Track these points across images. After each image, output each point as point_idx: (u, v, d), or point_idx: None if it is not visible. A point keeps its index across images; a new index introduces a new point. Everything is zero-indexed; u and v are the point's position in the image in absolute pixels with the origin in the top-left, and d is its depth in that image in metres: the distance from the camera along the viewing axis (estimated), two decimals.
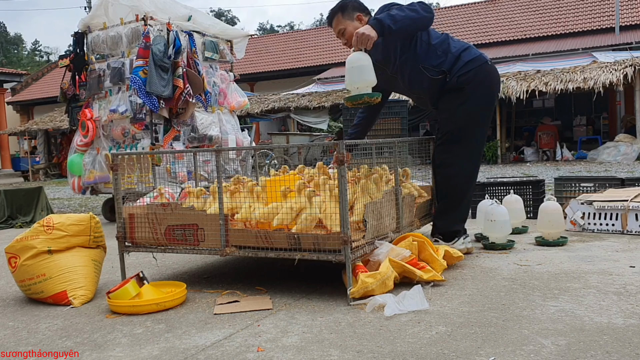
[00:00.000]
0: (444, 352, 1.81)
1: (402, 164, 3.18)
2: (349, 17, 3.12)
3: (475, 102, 3.10)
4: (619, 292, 2.37)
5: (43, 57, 57.24)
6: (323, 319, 2.21)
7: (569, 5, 19.23)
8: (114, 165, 2.91)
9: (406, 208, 3.06)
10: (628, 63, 12.55)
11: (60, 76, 7.03)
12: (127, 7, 5.51)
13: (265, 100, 16.70)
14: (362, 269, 2.48)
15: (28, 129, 19.76)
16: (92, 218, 2.86)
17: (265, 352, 1.90)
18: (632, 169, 9.85)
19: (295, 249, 2.47)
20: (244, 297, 2.57)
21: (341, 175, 2.34)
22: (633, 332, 1.90)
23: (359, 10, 3.15)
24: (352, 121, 6.38)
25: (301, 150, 6.83)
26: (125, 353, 1.97)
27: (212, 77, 5.99)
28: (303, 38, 24.35)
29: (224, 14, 56.99)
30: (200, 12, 6.05)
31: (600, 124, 16.97)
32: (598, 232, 3.76)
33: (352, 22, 3.11)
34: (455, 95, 3.09)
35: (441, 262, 2.72)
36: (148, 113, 5.31)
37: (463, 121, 3.12)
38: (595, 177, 5.28)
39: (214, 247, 2.66)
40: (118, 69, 5.52)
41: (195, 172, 3.65)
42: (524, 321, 2.07)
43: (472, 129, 3.14)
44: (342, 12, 3.14)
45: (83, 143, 5.78)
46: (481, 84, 3.09)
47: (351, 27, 3.08)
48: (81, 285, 2.68)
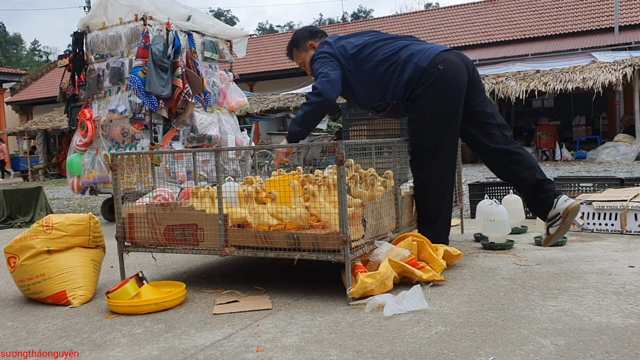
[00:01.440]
0: (444, 352, 1.81)
1: (402, 164, 3.18)
2: (304, 49, 3.29)
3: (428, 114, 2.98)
4: (618, 292, 2.37)
5: (42, 57, 57.23)
6: (322, 319, 2.21)
7: (569, 5, 19.23)
8: (113, 165, 2.91)
9: (405, 208, 3.06)
10: (627, 63, 12.55)
11: (59, 76, 7.03)
12: (126, 7, 5.51)
13: (264, 100, 16.70)
14: (361, 269, 2.48)
15: (27, 128, 19.75)
16: (91, 218, 2.86)
17: (264, 352, 1.90)
18: (631, 169, 9.85)
19: (294, 249, 2.47)
20: (243, 297, 2.57)
21: (340, 175, 2.34)
22: (632, 332, 1.90)
23: (309, 38, 3.29)
24: (351, 121, 6.42)
25: (300, 150, 6.84)
26: (124, 353, 1.97)
27: (211, 77, 5.98)
28: None
29: (223, 13, 57.00)
30: (200, 12, 6.05)
31: (600, 124, 16.98)
32: (597, 232, 3.77)
33: (307, 53, 3.26)
34: (410, 111, 3.06)
35: (440, 262, 2.72)
36: (147, 113, 5.30)
37: (419, 137, 3.03)
38: (595, 177, 5.29)
39: (213, 247, 2.66)
40: (117, 68, 5.52)
41: (195, 172, 3.65)
42: (523, 321, 2.07)
43: (432, 142, 3.02)
44: (297, 47, 3.31)
45: (82, 143, 5.78)
46: (432, 95, 2.94)
47: (308, 57, 3.25)
48: (80, 285, 2.68)
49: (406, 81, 2.95)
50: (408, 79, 2.95)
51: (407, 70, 2.95)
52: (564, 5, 19.33)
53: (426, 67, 2.93)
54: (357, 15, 53.61)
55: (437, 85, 2.93)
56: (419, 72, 2.93)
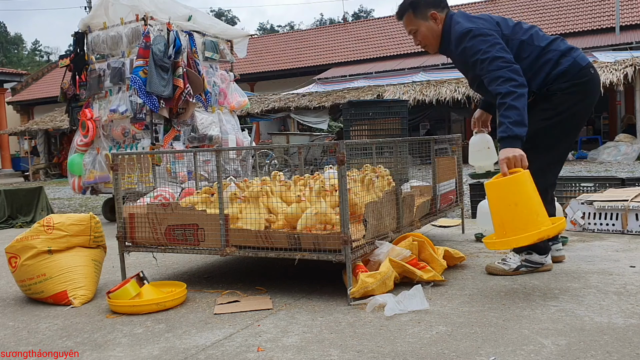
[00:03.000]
0: (444, 352, 1.81)
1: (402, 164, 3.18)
2: (422, 17, 2.78)
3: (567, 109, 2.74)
4: (619, 292, 2.37)
5: (43, 57, 57.26)
6: (323, 318, 2.21)
7: (569, 5, 19.23)
8: (114, 165, 2.91)
9: (406, 208, 3.06)
10: (628, 63, 12.54)
11: (60, 76, 7.03)
12: (127, 7, 5.51)
13: (265, 100, 16.71)
14: (362, 268, 2.48)
15: (28, 128, 19.77)
16: (92, 218, 2.86)
17: (265, 352, 1.90)
18: (633, 168, 9.84)
19: (295, 249, 2.47)
20: (244, 297, 2.57)
21: (341, 175, 2.34)
22: (633, 332, 1.90)
23: (432, 6, 2.78)
24: (352, 121, 6.42)
25: (301, 150, 6.84)
26: (125, 353, 1.98)
27: (212, 77, 5.99)
28: (303, 38, 24.36)
29: (224, 13, 57.00)
30: (201, 12, 6.05)
31: (601, 123, 16.97)
32: (598, 232, 3.76)
33: (426, 22, 2.78)
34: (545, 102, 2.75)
35: (441, 262, 2.72)
36: (148, 113, 5.30)
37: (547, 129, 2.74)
38: (596, 177, 5.28)
39: (214, 247, 2.66)
40: (118, 68, 5.52)
41: (196, 172, 3.65)
42: (524, 321, 2.07)
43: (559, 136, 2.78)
44: (414, 10, 2.79)
45: (83, 143, 5.78)
46: (579, 93, 2.73)
47: (424, 27, 2.79)
48: (81, 285, 2.68)
49: (562, 72, 2.72)
50: (564, 71, 2.72)
51: (565, 62, 2.74)
52: (564, 5, 19.33)
53: (584, 66, 2.76)
54: (358, 15, 53.63)
55: (588, 86, 2.77)
56: (576, 68, 2.74)
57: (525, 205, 2.36)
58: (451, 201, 3.72)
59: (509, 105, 2.53)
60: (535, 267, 2.78)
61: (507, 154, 2.50)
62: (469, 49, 2.67)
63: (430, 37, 2.83)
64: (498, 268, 2.79)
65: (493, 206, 2.48)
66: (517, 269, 2.76)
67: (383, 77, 17.22)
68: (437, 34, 2.81)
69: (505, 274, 2.75)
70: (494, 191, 2.47)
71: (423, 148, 3.46)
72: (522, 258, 2.79)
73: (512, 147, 2.52)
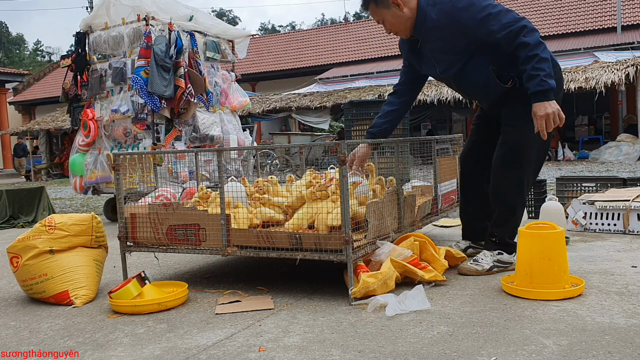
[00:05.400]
0: (446, 352, 1.81)
1: (403, 164, 3.17)
2: (385, 5, 2.70)
3: None
4: (621, 292, 2.37)
5: (45, 57, 57.32)
6: (324, 318, 2.21)
7: (571, 5, 19.21)
8: (115, 165, 2.91)
9: (408, 208, 3.06)
10: (630, 63, 12.53)
11: (62, 76, 7.04)
12: (128, 7, 5.51)
13: (266, 100, 16.72)
14: (363, 268, 2.48)
15: (30, 128, 19.79)
16: (93, 218, 2.87)
17: (266, 352, 1.90)
18: (634, 168, 9.83)
19: (296, 249, 2.47)
20: (245, 297, 2.57)
21: (342, 175, 2.34)
22: (635, 332, 1.90)
23: None
24: (353, 121, 6.41)
25: (302, 150, 6.84)
26: (126, 353, 1.98)
27: (213, 77, 5.99)
28: (304, 38, 24.36)
29: (225, 13, 57.03)
30: (202, 12, 6.05)
31: (602, 123, 16.96)
32: (600, 232, 3.76)
33: (390, 10, 2.70)
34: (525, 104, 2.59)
35: (442, 262, 2.72)
36: (150, 113, 5.31)
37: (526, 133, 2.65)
38: (597, 177, 5.27)
39: (215, 247, 2.66)
40: (120, 69, 5.53)
41: (197, 172, 3.65)
42: (526, 321, 2.06)
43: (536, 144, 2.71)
44: (375, 1, 2.73)
45: (85, 143, 5.79)
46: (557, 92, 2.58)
47: (390, 16, 2.71)
48: (83, 285, 2.68)
49: None
50: None
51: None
52: (566, 4, 19.30)
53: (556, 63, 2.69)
54: (359, 15, 53.60)
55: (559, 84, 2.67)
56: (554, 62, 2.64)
57: (557, 261, 2.35)
58: (452, 201, 3.72)
59: (541, 58, 2.45)
60: (505, 267, 2.80)
61: (546, 110, 2.42)
62: (475, 5, 2.55)
63: (398, 24, 2.74)
64: (471, 269, 2.78)
65: (524, 254, 2.42)
66: (490, 269, 2.77)
67: (384, 77, 17.22)
68: (404, 19, 2.71)
69: (478, 274, 2.75)
70: (529, 240, 2.41)
71: (424, 148, 3.46)
72: (495, 258, 2.79)
73: (549, 100, 2.43)
